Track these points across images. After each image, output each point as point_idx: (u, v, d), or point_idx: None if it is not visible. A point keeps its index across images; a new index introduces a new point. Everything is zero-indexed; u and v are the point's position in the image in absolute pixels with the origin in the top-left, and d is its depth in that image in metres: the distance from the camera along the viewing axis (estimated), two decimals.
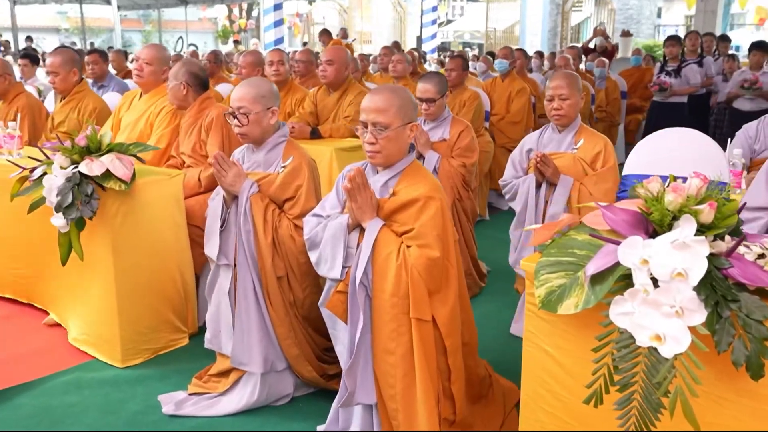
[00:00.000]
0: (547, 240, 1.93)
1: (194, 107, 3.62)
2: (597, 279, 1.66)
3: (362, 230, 2.30)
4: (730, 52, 8.74)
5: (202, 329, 3.48)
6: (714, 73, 8.22)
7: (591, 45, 10.24)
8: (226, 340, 2.76)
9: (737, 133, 3.31)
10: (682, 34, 30.61)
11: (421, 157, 3.81)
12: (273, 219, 2.63)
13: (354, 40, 12.23)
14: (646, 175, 2.71)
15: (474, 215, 4.04)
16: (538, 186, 3.32)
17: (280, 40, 12.85)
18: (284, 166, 2.69)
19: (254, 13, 27.21)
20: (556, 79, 3.32)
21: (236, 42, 23.56)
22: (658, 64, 7.73)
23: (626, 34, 12.04)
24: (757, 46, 7.09)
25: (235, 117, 2.66)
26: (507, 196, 3.50)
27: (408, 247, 2.22)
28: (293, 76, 5.34)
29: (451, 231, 2.28)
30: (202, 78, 3.65)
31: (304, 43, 21.52)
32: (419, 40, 17.92)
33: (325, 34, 10.95)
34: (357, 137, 4.42)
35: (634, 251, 1.58)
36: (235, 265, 2.69)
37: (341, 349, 2.41)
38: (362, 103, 2.30)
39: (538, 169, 3.24)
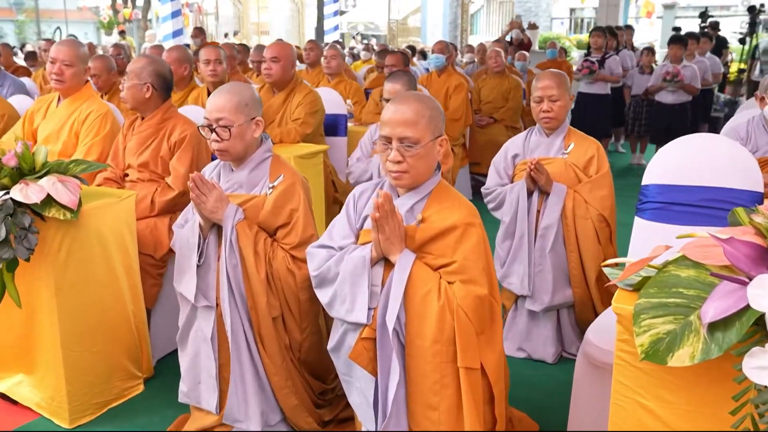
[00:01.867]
0: (630, 275, 1.67)
1: (156, 116, 3.12)
2: (719, 325, 1.41)
3: (387, 264, 1.96)
4: (646, 45, 8.93)
5: (157, 370, 3.03)
6: (629, 66, 8.37)
7: (507, 38, 10.22)
8: (207, 393, 2.34)
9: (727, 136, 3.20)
10: (566, 25, 31.58)
11: None
12: (266, 250, 2.23)
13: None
14: (670, 185, 2.52)
15: None
16: (528, 194, 3.09)
17: (179, 32, 11.99)
18: (273, 187, 2.29)
19: (139, 2, 25.69)
20: (545, 79, 3.09)
21: (122, 33, 22.17)
22: (582, 54, 7.78)
23: (533, 26, 12.17)
24: (676, 40, 7.23)
25: (212, 131, 2.23)
26: (491, 206, 3.25)
27: (449, 283, 1.90)
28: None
29: (492, 261, 1.98)
30: (170, 82, 3.17)
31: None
32: (321, 32, 17.43)
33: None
34: (310, 142, 4.06)
35: (766, 292, 1.35)
36: (217, 306, 2.28)
37: (358, 401, 2.05)
38: (385, 114, 1.94)
39: (530, 176, 3.01)
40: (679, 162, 2.43)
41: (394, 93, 3.45)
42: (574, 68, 8.76)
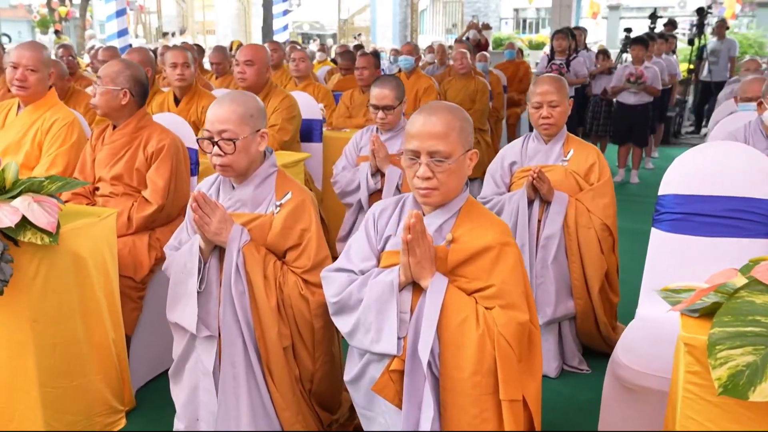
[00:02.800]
0: (694, 302, 1.56)
1: (131, 124, 2.88)
2: None
3: (416, 289, 1.80)
4: (599, 48, 8.99)
5: (137, 400, 2.79)
6: (589, 66, 8.39)
7: (464, 39, 10.16)
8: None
9: None
10: (512, 25, 31.81)
11: (378, 172, 3.33)
12: (275, 275, 2.03)
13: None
14: (689, 195, 2.44)
15: None
16: (529, 203, 2.97)
17: (124, 32, 11.53)
18: (280, 205, 2.10)
19: (76, 0, 24.72)
20: (544, 84, 2.99)
21: (57, 32, 21.30)
22: (543, 55, 7.74)
23: (486, 27, 12.17)
24: (637, 41, 7.26)
25: (214, 144, 2.03)
26: None
27: (486, 308, 1.75)
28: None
29: (529, 283, 1.85)
30: (146, 87, 2.94)
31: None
32: (268, 31, 17.06)
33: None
34: (287, 149, 3.86)
35: None
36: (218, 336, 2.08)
37: None
38: (412, 125, 1.79)
39: (532, 185, 2.90)
40: (697, 171, 2.35)
41: (382, 98, 3.30)
42: (533, 70, 8.78)
